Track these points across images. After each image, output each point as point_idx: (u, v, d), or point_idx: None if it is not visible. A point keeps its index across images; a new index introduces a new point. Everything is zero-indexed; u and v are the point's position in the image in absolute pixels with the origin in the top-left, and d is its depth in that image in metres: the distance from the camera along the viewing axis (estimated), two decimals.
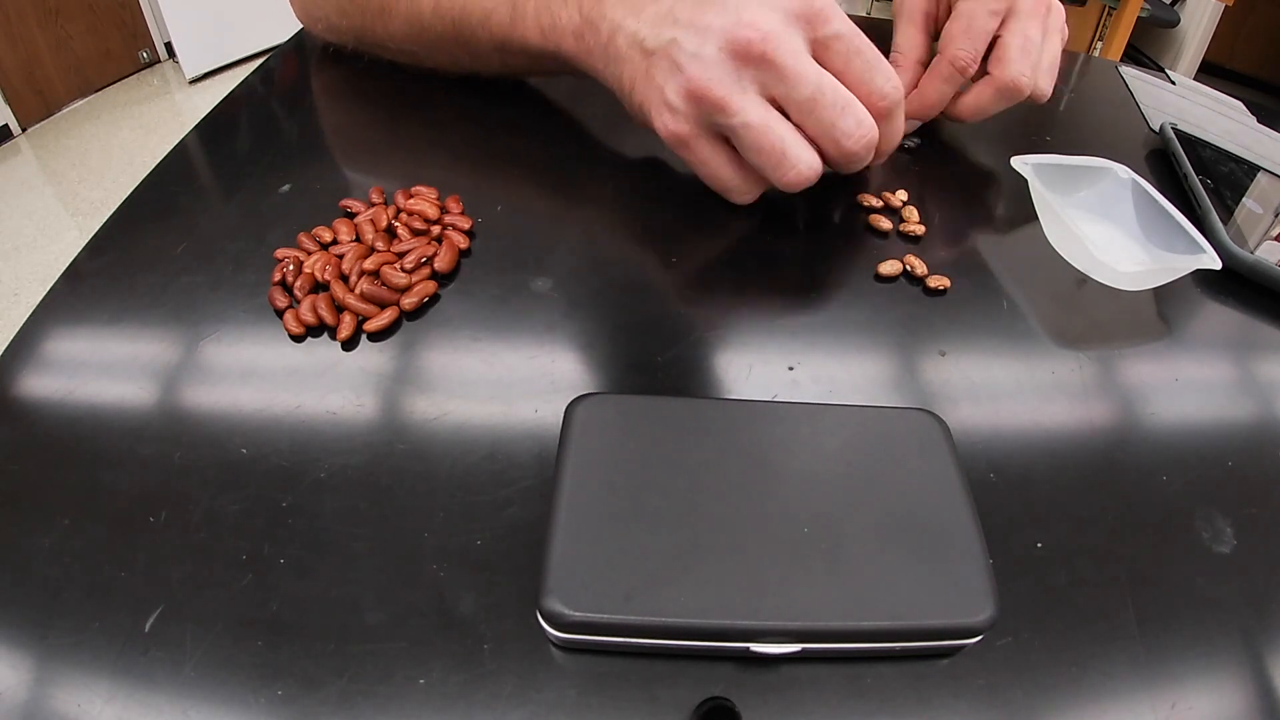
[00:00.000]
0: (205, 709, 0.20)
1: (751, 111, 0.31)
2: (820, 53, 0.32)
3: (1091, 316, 0.34)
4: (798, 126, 0.32)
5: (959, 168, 0.44)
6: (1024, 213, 0.39)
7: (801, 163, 0.32)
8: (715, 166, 0.34)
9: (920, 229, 0.37)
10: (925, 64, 0.43)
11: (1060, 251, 0.36)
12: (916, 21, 0.43)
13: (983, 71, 0.41)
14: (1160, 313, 0.35)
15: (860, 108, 0.32)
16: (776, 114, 0.32)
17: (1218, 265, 0.33)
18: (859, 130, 0.32)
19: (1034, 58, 0.39)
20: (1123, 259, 0.36)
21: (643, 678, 0.21)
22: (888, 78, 0.33)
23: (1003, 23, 0.40)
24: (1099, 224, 0.38)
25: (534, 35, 0.38)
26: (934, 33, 0.44)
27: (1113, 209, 0.38)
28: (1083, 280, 0.35)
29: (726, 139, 0.33)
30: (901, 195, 0.39)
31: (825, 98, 0.31)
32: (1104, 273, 0.34)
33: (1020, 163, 0.38)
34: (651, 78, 0.33)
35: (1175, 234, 0.35)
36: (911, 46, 0.43)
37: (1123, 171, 0.38)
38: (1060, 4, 0.42)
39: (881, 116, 0.34)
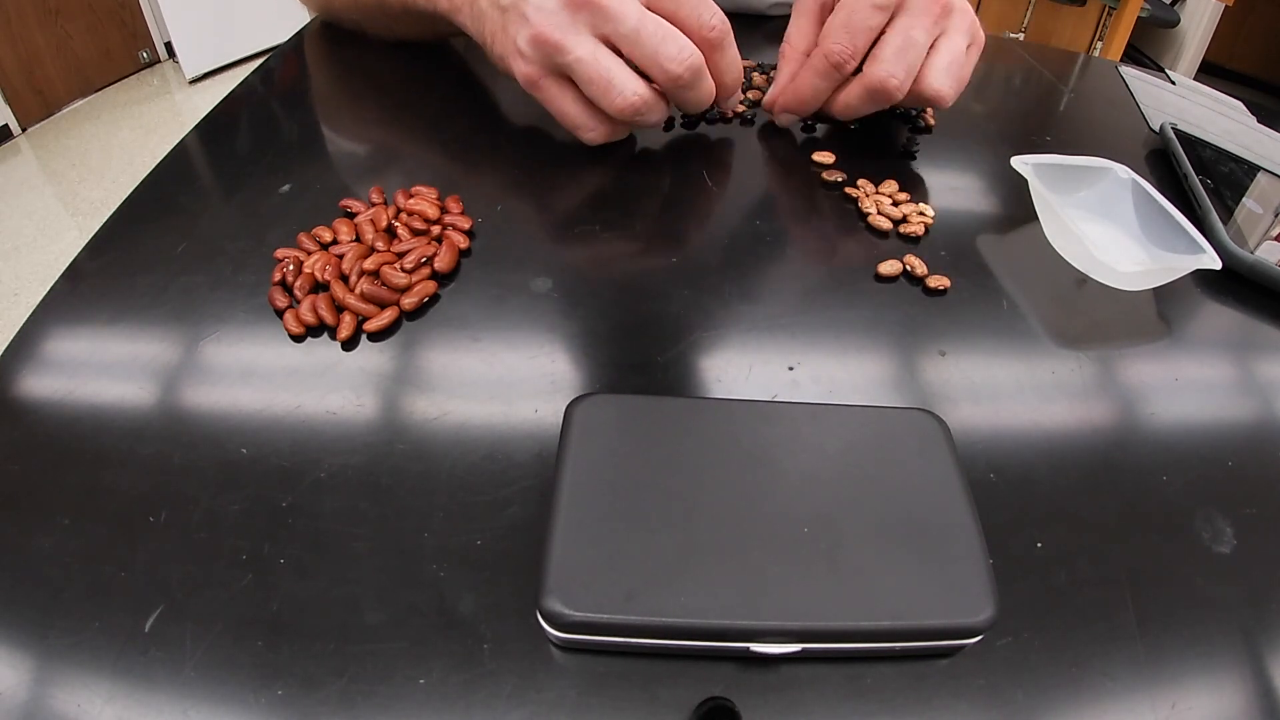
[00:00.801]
0: (205, 709, 0.20)
1: (582, 48, 0.35)
2: (650, 1, 0.36)
3: (1091, 316, 0.34)
4: (628, 61, 0.36)
5: (958, 168, 0.44)
6: (1024, 213, 0.39)
7: (627, 89, 0.36)
8: (562, 103, 0.38)
9: (920, 229, 0.37)
10: (806, 56, 0.43)
11: (1060, 251, 0.36)
12: (809, 14, 0.43)
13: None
14: (1160, 313, 0.35)
15: (682, 37, 0.36)
16: (606, 50, 0.35)
17: (1218, 265, 0.33)
18: (681, 54, 0.35)
19: (911, 58, 0.38)
20: (1123, 259, 0.36)
21: (643, 678, 0.21)
22: (712, 13, 0.37)
23: (890, 20, 0.39)
24: (1099, 224, 0.38)
25: (421, 0, 0.44)
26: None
27: (1113, 209, 0.38)
28: (1083, 280, 0.35)
29: (573, 82, 0.37)
30: (892, 185, 0.39)
31: (647, 29, 0.35)
32: (1104, 273, 0.34)
33: (1020, 163, 0.38)
34: (506, 30, 0.37)
35: (1175, 234, 0.35)
36: (800, 38, 0.43)
37: (1123, 171, 0.38)
38: (966, 6, 0.41)
39: (712, 48, 0.37)
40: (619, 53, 0.36)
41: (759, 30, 0.59)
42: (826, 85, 0.40)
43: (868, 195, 0.39)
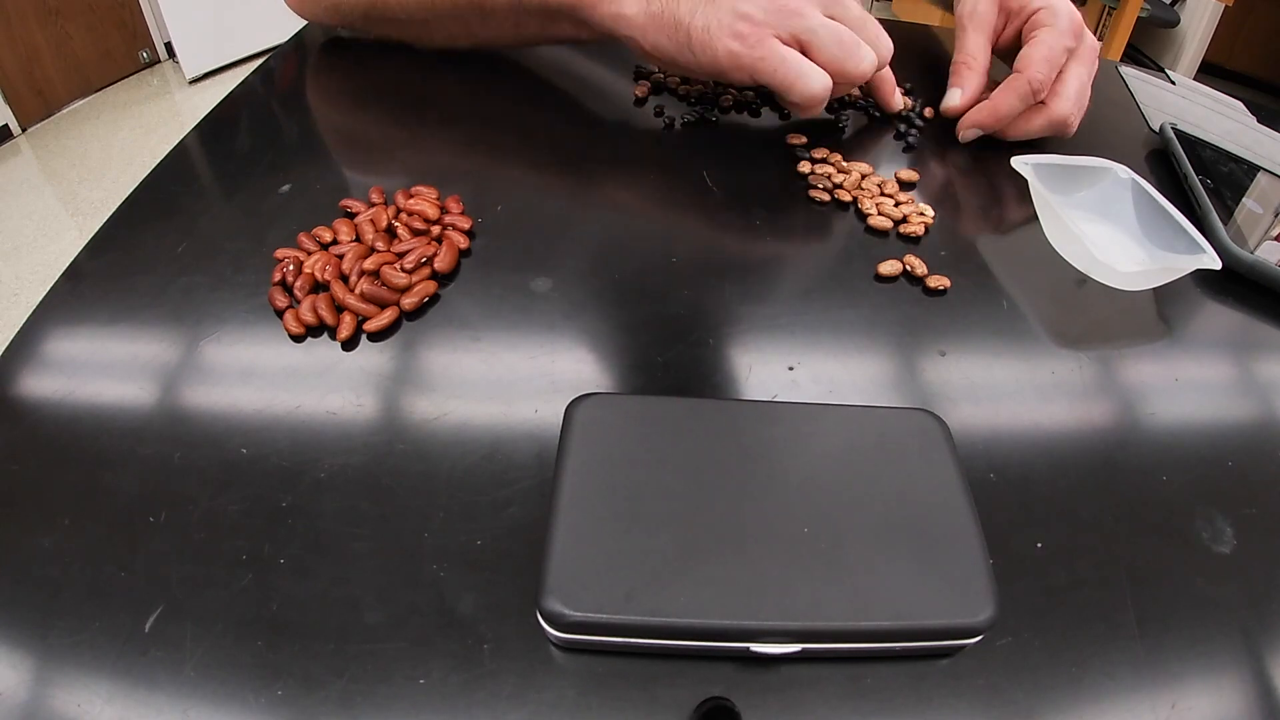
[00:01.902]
0: (205, 709, 0.20)
1: (819, 18, 0.39)
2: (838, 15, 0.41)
3: (1091, 316, 0.34)
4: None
5: (959, 168, 0.44)
6: (1024, 213, 0.39)
7: (870, 56, 0.40)
8: (786, 54, 0.39)
9: (920, 229, 0.37)
10: (986, 71, 0.47)
11: (1060, 251, 0.36)
12: (986, 32, 0.47)
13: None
14: (1160, 313, 0.35)
15: (886, 35, 0.42)
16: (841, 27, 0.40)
17: (1217, 265, 0.33)
18: (886, 51, 0.41)
19: (1084, 101, 0.44)
20: (1122, 259, 0.36)
21: (643, 678, 0.21)
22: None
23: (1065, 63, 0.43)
24: (1099, 224, 0.38)
25: None
26: (994, 46, 0.49)
27: (1112, 209, 0.38)
28: (1083, 280, 0.35)
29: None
30: (892, 185, 0.39)
31: (870, 20, 0.41)
32: (1104, 273, 0.34)
33: (1020, 163, 0.38)
34: (719, 3, 0.39)
35: (1175, 234, 0.35)
36: (979, 52, 0.47)
37: (1123, 171, 0.38)
38: (1095, 42, 0.46)
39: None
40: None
41: None
42: (1020, 106, 0.43)
43: (869, 197, 0.39)
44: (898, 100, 0.47)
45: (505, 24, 0.46)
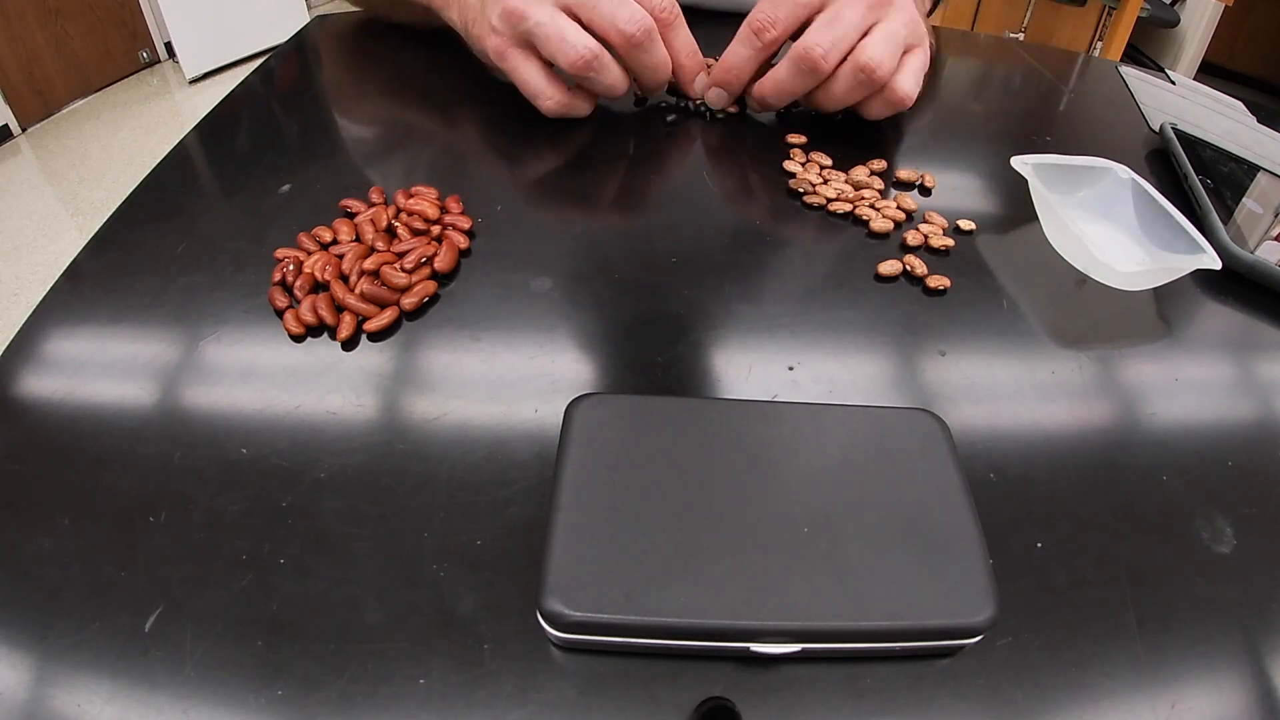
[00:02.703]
0: (205, 709, 0.20)
1: (542, 13, 0.39)
2: None
3: (1091, 316, 0.34)
4: (588, 28, 0.39)
5: (958, 168, 0.44)
6: (1024, 213, 0.39)
7: (580, 43, 0.38)
8: (524, 71, 0.41)
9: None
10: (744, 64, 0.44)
11: (1060, 251, 0.36)
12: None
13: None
14: (1160, 313, 0.35)
15: (635, 5, 0.39)
16: (566, 17, 0.39)
17: (1218, 265, 0.33)
18: (635, 17, 0.39)
19: (837, 32, 0.39)
20: (1123, 259, 0.36)
21: (643, 678, 0.21)
22: None
23: (820, 7, 0.40)
24: (1099, 224, 0.38)
25: None
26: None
27: (1113, 209, 0.38)
28: (1083, 280, 0.35)
29: (538, 54, 0.41)
30: (908, 199, 0.39)
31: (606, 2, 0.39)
32: (1104, 273, 0.34)
33: (1020, 163, 0.37)
34: (484, 12, 0.41)
35: (1175, 234, 0.35)
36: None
37: (1123, 171, 0.38)
38: (913, 8, 0.42)
39: (665, 26, 0.41)
40: (579, 22, 0.39)
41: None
42: (749, 53, 0.42)
43: (875, 208, 0.39)
44: (693, 88, 0.44)
45: (404, 11, 0.51)
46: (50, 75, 2.25)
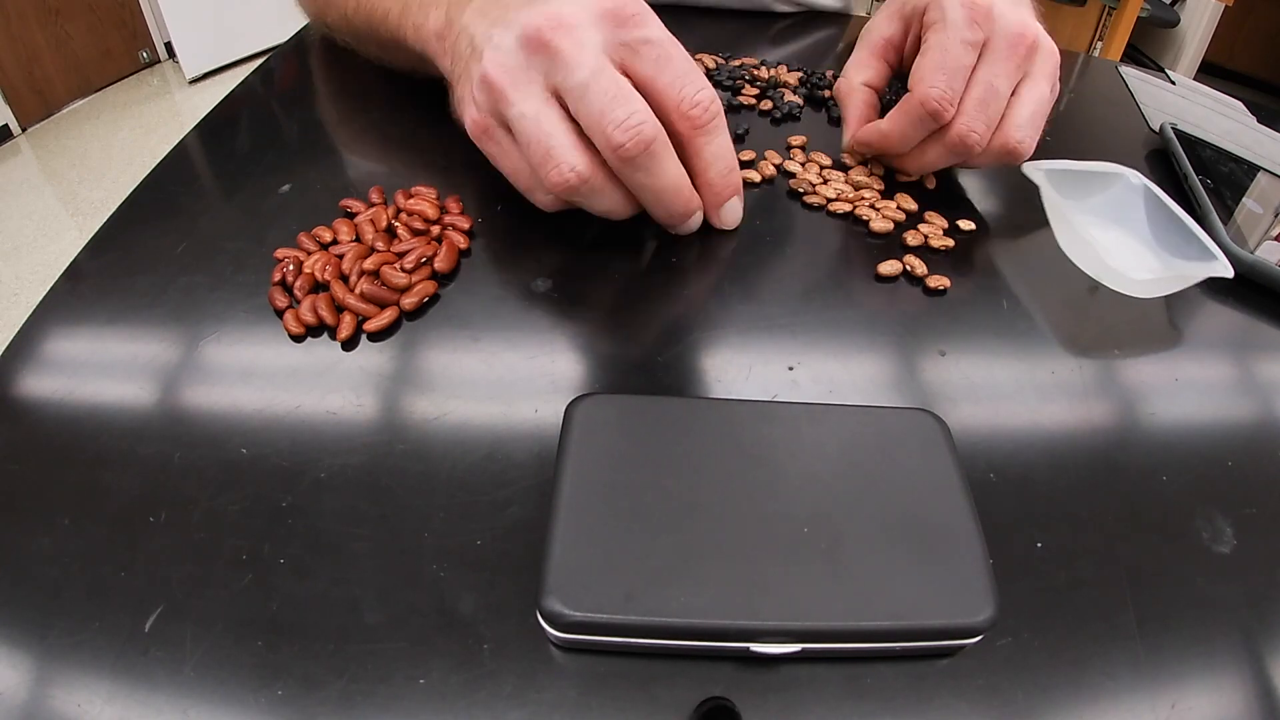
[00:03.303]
0: (205, 709, 0.20)
1: (527, 103, 0.30)
2: (628, 57, 0.30)
3: (1102, 323, 0.34)
4: (575, 121, 0.30)
5: (969, 171, 0.44)
6: (1024, 214, 0.39)
7: (565, 161, 0.30)
8: (510, 160, 0.33)
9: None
10: (877, 92, 0.41)
11: (1072, 258, 0.36)
12: (875, 50, 0.41)
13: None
14: (1171, 319, 0.35)
15: (640, 101, 0.29)
16: (557, 111, 0.30)
17: (1230, 273, 0.32)
18: (630, 120, 0.28)
19: (992, 111, 0.35)
20: (1134, 266, 0.36)
21: (643, 678, 0.21)
22: (699, 88, 0.30)
23: (975, 65, 0.35)
24: (1110, 230, 0.38)
25: (410, 35, 0.38)
26: (895, 63, 0.42)
27: (1125, 215, 0.38)
28: (1094, 287, 0.35)
29: None
30: (908, 200, 0.39)
31: (599, 84, 0.28)
32: (1116, 280, 0.34)
33: (1032, 168, 0.37)
34: (468, 71, 0.32)
35: (1187, 240, 0.35)
36: (864, 74, 0.41)
37: (1134, 177, 0.38)
38: (1053, 47, 0.37)
39: (696, 131, 0.31)
40: (568, 111, 0.30)
41: (769, 29, 0.59)
42: (920, 133, 0.36)
43: (875, 208, 0.39)
44: (724, 215, 0.35)
45: (396, 56, 0.43)
46: (50, 75, 2.25)
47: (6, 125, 2.15)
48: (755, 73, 0.50)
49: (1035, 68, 0.36)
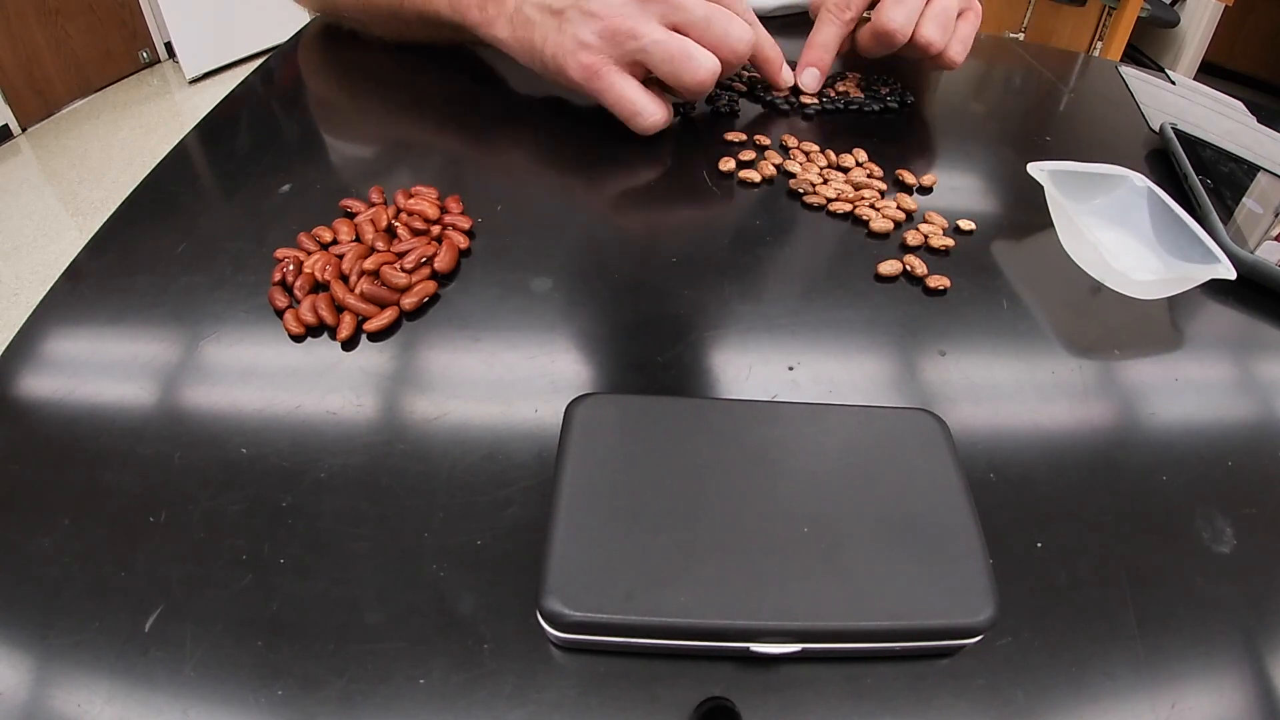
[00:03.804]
0: (205, 709, 0.20)
1: (658, 31, 0.38)
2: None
3: (1102, 323, 0.34)
4: (700, 43, 0.39)
5: (957, 168, 0.44)
6: (1033, 217, 0.39)
7: (708, 61, 0.39)
8: (624, 89, 0.40)
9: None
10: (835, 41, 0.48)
11: (1075, 258, 0.36)
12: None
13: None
14: (1173, 320, 0.35)
15: (740, 20, 0.40)
16: (677, 34, 0.39)
17: (1232, 275, 0.32)
18: (746, 34, 0.40)
19: (910, 8, 0.44)
20: (1138, 267, 0.36)
21: (643, 678, 0.21)
22: (746, 2, 0.42)
23: None
24: (1114, 231, 0.38)
25: (444, 7, 0.45)
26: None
27: (1128, 216, 0.38)
28: (1097, 288, 0.35)
29: (632, 72, 0.40)
30: (908, 200, 0.39)
31: (716, 14, 0.39)
32: (1119, 281, 0.34)
33: (1037, 169, 0.37)
34: (564, 29, 0.39)
35: (1190, 243, 0.35)
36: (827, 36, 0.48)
37: (1138, 180, 0.38)
38: None
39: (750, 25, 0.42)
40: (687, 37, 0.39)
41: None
42: (835, 30, 0.47)
43: (875, 208, 0.39)
44: (785, 77, 0.47)
45: (419, 29, 0.49)
46: (50, 75, 2.25)
47: (6, 125, 2.15)
48: (745, 72, 0.50)
49: None
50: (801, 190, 0.40)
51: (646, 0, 0.38)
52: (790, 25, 0.61)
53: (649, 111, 0.40)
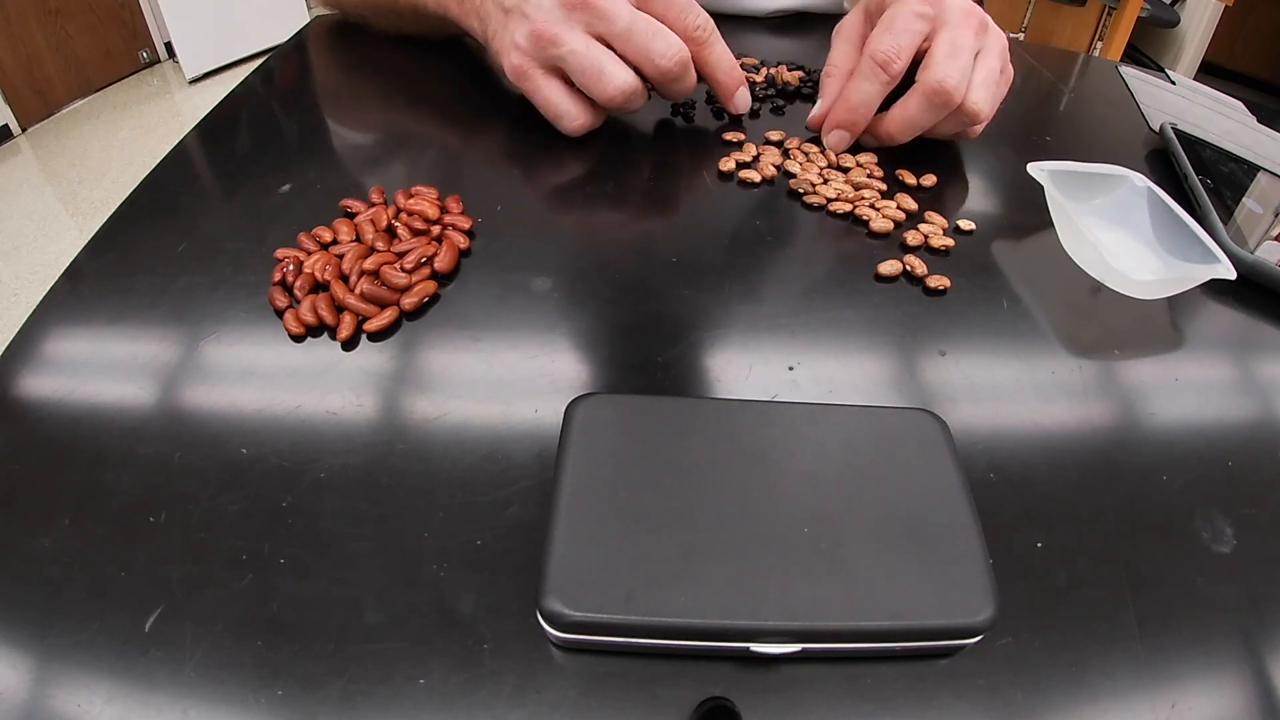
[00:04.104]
0: (205, 709, 0.20)
1: (576, 41, 0.38)
2: (642, 3, 0.39)
3: (1102, 323, 0.34)
4: (622, 57, 0.38)
5: (960, 168, 0.44)
6: (1033, 217, 0.39)
7: (617, 78, 0.38)
8: (548, 93, 0.40)
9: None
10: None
11: (1075, 258, 0.36)
12: (850, 38, 0.44)
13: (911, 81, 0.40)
14: (1173, 321, 0.35)
15: (670, 34, 0.38)
16: (599, 45, 0.38)
17: (1232, 275, 0.32)
18: (670, 50, 0.38)
19: (963, 62, 0.39)
20: (1138, 267, 0.36)
21: (643, 678, 0.21)
22: (697, 14, 0.40)
23: (932, 34, 0.40)
24: (1114, 231, 0.38)
25: (431, 2, 0.46)
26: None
27: (1128, 216, 0.38)
28: (1097, 288, 0.35)
29: (561, 75, 0.40)
30: (908, 200, 0.39)
31: (639, 26, 0.38)
32: (1119, 281, 0.34)
33: (1037, 169, 0.37)
34: (506, 28, 0.40)
35: (1190, 243, 0.35)
36: (842, 59, 0.44)
37: (1139, 180, 0.38)
38: (1000, 31, 0.42)
39: (700, 46, 0.40)
40: (611, 49, 0.38)
41: (758, 29, 0.59)
42: (875, 89, 0.40)
43: (875, 208, 0.39)
44: (738, 103, 0.43)
45: (411, 22, 0.50)
46: (50, 75, 2.25)
47: (6, 125, 2.15)
48: (752, 77, 0.50)
49: (987, 44, 0.41)
50: (801, 190, 0.40)
51: (574, 8, 0.37)
52: (785, 26, 0.61)
53: (570, 115, 0.40)
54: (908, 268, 0.35)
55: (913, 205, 0.39)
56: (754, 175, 0.41)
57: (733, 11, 0.61)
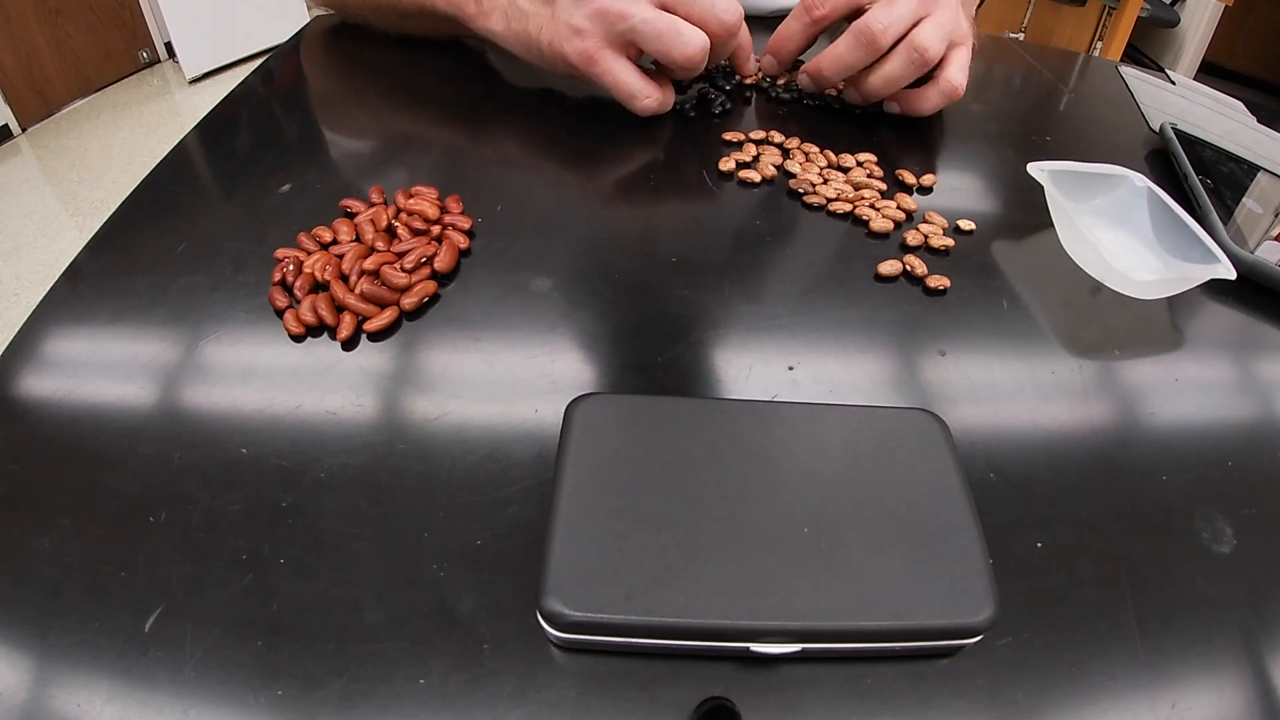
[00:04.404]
0: (205, 709, 0.20)
1: (646, 10, 0.39)
2: None
3: (1102, 323, 0.34)
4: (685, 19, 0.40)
5: (957, 168, 0.44)
6: (1033, 216, 0.39)
7: (697, 36, 0.39)
8: (619, 73, 0.41)
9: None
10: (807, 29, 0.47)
11: (1075, 258, 0.36)
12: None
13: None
14: (1173, 321, 0.35)
15: None
16: (666, 12, 0.39)
17: (1232, 275, 0.32)
18: (734, 7, 0.41)
19: (895, 15, 0.41)
20: (1138, 267, 0.36)
21: (643, 678, 0.21)
22: None
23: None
24: (1114, 231, 0.38)
25: (441, 1, 0.46)
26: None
27: (1128, 217, 0.38)
28: (1097, 288, 0.35)
29: (626, 53, 0.41)
30: (909, 200, 0.39)
31: None
32: (1119, 281, 0.34)
33: (1037, 169, 0.37)
34: (556, 17, 0.40)
35: (1190, 243, 0.35)
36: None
37: (1139, 180, 0.38)
38: (958, 7, 0.44)
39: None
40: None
41: (759, 29, 0.59)
42: (799, 26, 0.46)
43: (875, 208, 0.39)
44: (749, 65, 0.48)
45: (417, 23, 0.50)
46: (50, 75, 2.25)
47: (6, 125, 2.15)
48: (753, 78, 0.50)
49: (937, 10, 0.43)
50: (801, 190, 0.40)
51: None
52: None
53: (645, 93, 0.41)
54: (908, 268, 0.35)
55: (913, 205, 0.39)
56: (754, 175, 0.41)
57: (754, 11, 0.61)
